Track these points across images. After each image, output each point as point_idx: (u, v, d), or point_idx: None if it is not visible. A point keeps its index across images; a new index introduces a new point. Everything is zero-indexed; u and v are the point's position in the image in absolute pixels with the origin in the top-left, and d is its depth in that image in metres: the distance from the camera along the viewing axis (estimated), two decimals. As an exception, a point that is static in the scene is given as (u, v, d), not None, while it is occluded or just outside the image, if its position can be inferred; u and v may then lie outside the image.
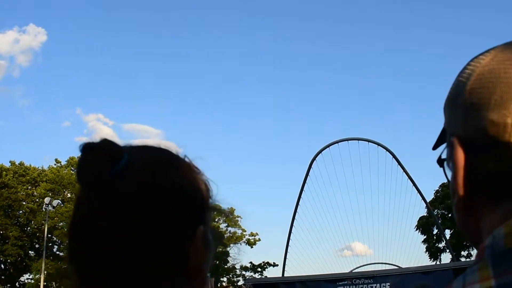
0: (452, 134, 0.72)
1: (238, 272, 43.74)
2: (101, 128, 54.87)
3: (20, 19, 64.71)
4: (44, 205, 32.66)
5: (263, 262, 43.19)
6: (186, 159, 0.90)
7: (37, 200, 39.53)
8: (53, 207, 33.80)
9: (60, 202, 36.28)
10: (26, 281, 40.19)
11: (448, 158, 0.73)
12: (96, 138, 0.83)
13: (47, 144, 61.10)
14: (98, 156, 0.81)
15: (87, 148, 0.82)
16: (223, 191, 0.92)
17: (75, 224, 0.83)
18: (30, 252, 40.35)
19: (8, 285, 39.40)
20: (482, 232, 0.68)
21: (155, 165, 0.84)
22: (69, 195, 39.43)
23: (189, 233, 0.83)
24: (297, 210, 25.65)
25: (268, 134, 65.10)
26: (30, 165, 41.51)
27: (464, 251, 38.35)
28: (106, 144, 0.82)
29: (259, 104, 64.48)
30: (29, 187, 40.24)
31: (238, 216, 43.05)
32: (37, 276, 36.59)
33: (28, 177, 40.30)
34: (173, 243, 0.81)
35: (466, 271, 0.63)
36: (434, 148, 0.76)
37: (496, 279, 0.58)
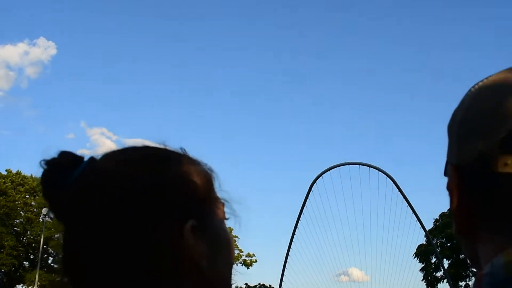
0: (449, 162, 0.73)
1: (233, 292, 43.35)
2: (104, 142, 54.95)
3: (31, 32, 65.45)
4: (42, 216, 32.50)
5: (259, 284, 42.96)
6: (180, 151, 0.85)
7: (35, 210, 39.35)
8: (51, 218, 33.59)
9: (58, 213, 36.01)
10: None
11: (447, 187, 0.73)
12: (98, 151, 0.84)
13: (50, 155, 60.99)
14: (55, 169, 0.81)
15: (42, 164, 0.83)
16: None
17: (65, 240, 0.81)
18: (24, 262, 40.05)
19: (1, 295, 39.04)
20: (481, 260, 0.68)
21: (120, 164, 0.80)
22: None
23: (171, 228, 0.76)
24: (295, 233, 25.50)
25: (269, 156, 65.09)
26: (32, 175, 41.45)
27: (462, 282, 37.97)
28: (61, 156, 0.83)
29: (261, 127, 64.64)
30: (27, 196, 40.10)
31: (235, 236, 42.82)
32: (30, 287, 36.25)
33: (27, 187, 40.20)
34: (151, 240, 0.75)
35: None
36: (445, 174, 0.74)
37: None
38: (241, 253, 43.82)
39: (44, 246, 34.52)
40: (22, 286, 39.85)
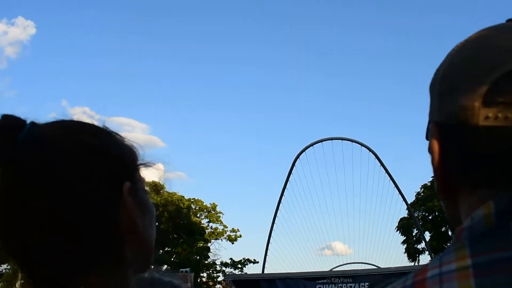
0: (431, 121, 0.74)
1: (218, 268, 43.72)
2: (86, 121, 54.26)
3: (8, 11, 63.45)
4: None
5: (244, 258, 43.16)
6: (106, 127, 0.90)
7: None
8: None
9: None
10: (3, 271, 39.73)
11: (428, 148, 0.74)
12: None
13: None
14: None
15: None
16: (205, 186, 0.92)
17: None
18: None
19: (-15, 275, 38.96)
20: (461, 215, 0.69)
21: (64, 130, 0.84)
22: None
23: (111, 191, 0.81)
24: (279, 208, 25.74)
25: (252, 131, 65.13)
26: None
27: (443, 253, 38.62)
28: (4, 118, 0.81)
29: (243, 102, 64.49)
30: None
31: (220, 212, 43.06)
32: (15, 266, 36.17)
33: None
34: (95, 200, 0.79)
35: (444, 251, 0.63)
36: (427, 137, 0.76)
37: (472, 258, 0.59)
38: (225, 229, 44.11)
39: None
40: (6, 266, 39.67)
